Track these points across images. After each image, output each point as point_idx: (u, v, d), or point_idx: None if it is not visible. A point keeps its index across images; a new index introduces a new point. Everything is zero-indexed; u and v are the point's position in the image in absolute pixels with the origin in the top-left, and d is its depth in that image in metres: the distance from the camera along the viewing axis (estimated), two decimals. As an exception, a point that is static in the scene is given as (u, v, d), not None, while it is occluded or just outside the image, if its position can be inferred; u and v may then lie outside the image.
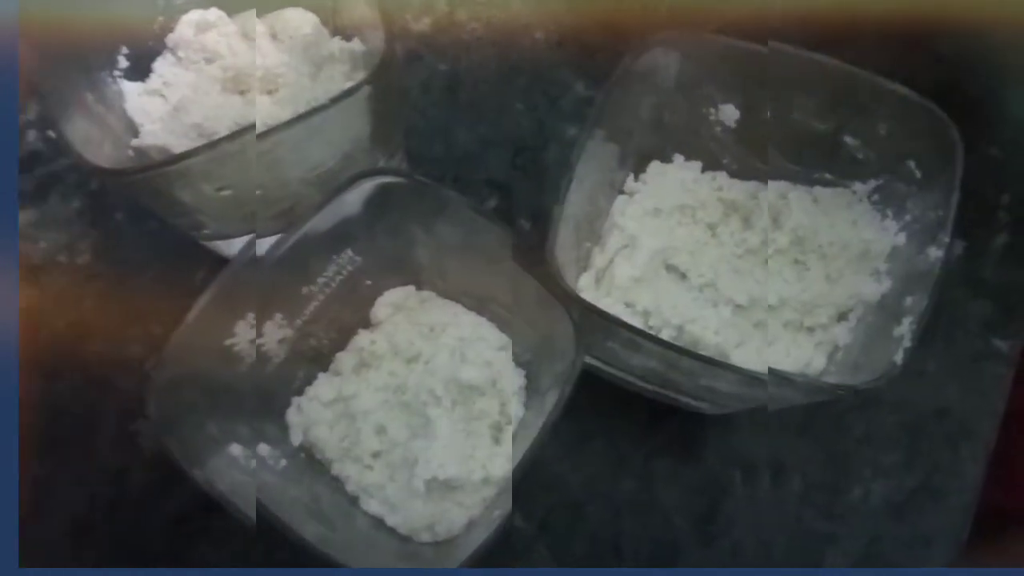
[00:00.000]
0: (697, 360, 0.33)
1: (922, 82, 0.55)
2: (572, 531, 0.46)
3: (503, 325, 0.43)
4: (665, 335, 0.41)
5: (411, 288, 0.45)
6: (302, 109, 0.38)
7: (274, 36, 0.47)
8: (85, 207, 0.53)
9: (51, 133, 0.56)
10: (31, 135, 0.56)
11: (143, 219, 0.53)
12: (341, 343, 0.44)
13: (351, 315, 0.44)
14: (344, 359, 0.43)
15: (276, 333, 0.39)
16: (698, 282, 0.42)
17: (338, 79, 0.45)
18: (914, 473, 0.48)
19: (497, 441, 0.41)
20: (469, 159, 0.55)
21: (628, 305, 0.41)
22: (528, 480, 0.34)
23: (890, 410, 0.49)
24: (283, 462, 0.39)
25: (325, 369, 0.44)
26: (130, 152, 0.43)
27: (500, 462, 0.39)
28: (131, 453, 0.47)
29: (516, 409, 0.41)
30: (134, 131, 0.45)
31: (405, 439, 0.41)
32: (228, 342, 0.37)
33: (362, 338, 0.44)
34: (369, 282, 0.43)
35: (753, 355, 0.40)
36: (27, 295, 0.51)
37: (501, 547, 0.45)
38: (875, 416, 0.49)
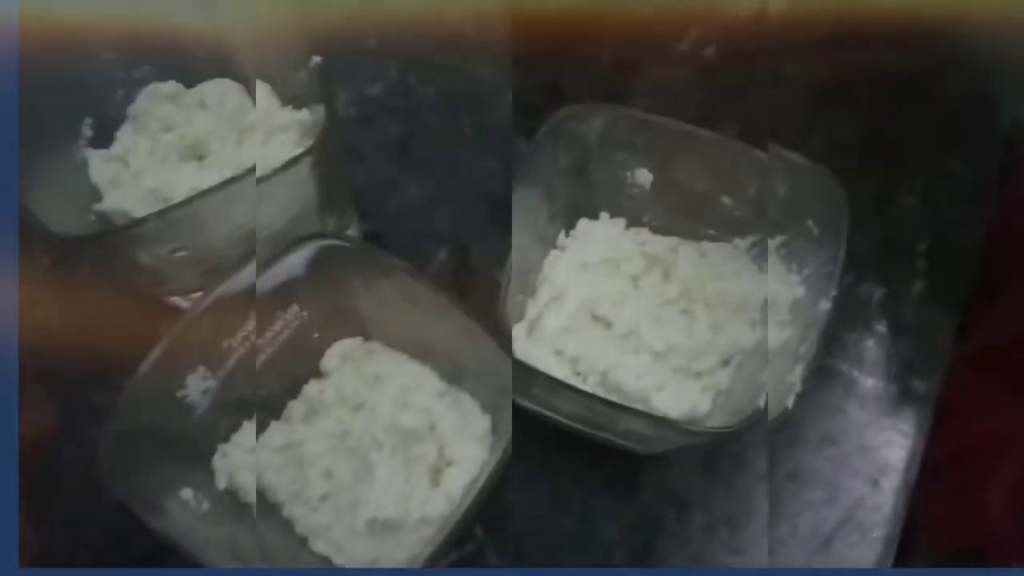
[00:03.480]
0: (603, 404, 0.36)
1: (845, 134, 0.60)
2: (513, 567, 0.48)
3: (452, 373, 0.46)
4: (591, 381, 0.44)
5: (359, 340, 0.47)
6: (227, 174, 0.42)
7: (202, 105, 0.50)
8: (54, 262, 0.56)
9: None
10: None
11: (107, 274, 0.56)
12: (294, 392, 0.47)
13: (302, 366, 0.47)
14: (295, 407, 0.46)
15: (200, 385, 0.42)
16: (621, 330, 0.45)
17: (288, 147, 0.48)
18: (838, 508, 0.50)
19: (436, 483, 0.43)
20: (420, 215, 0.58)
21: (557, 353, 0.45)
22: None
23: (815, 447, 0.52)
24: (205, 505, 0.41)
25: (278, 417, 0.46)
26: (92, 217, 0.46)
27: (438, 503, 0.42)
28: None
29: (479, 452, 0.44)
30: (98, 196, 0.48)
31: (350, 482, 0.43)
32: (179, 393, 0.40)
33: (312, 387, 0.46)
34: (316, 335, 0.46)
35: (671, 399, 0.43)
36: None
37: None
38: (799, 453, 0.51)
